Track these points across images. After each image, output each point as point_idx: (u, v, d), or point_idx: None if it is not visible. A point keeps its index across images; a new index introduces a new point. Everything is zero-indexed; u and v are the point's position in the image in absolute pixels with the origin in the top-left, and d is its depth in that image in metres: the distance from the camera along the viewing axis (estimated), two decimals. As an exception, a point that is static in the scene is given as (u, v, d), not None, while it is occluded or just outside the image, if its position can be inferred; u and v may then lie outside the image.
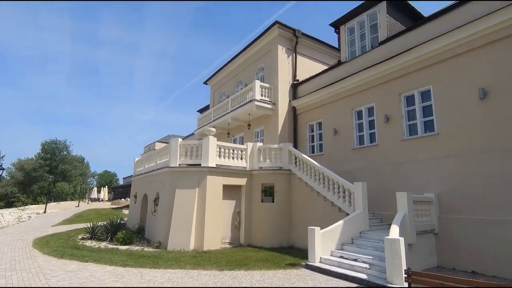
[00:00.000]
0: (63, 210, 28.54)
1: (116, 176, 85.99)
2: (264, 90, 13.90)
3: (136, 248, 9.88)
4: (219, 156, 10.92)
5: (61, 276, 6.45)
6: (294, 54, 14.63)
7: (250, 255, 8.96)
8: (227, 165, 11.02)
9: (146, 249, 9.72)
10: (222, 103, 16.80)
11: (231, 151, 11.31)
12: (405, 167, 9.25)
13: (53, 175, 47.24)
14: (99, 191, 52.89)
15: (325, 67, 14.68)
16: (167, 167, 10.76)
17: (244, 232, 11.00)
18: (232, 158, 11.29)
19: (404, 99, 9.66)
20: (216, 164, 10.67)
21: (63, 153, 62.92)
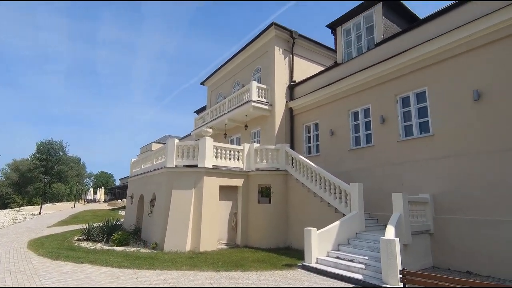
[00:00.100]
0: (58, 211, 28.32)
1: (113, 177, 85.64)
2: (261, 91, 13.93)
3: (132, 249, 9.84)
4: (216, 157, 10.92)
5: (56, 278, 6.42)
6: (290, 55, 14.68)
7: (247, 256, 8.96)
8: (223, 166, 11.01)
9: (142, 250, 9.69)
10: (219, 104, 16.80)
11: (227, 152, 11.31)
12: (400, 168, 9.31)
13: (48, 176, 46.94)
14: (95, 192, 52.56)
15: (321, 68, 14.74)
16: (163, 168, 10.73)
17: (240, 233, 11.00)
18: (229, 159, 11.29)
19: (400, 100, 9.72)
20: (213, 165, 10.67)
21: (59, 153, 62.57)
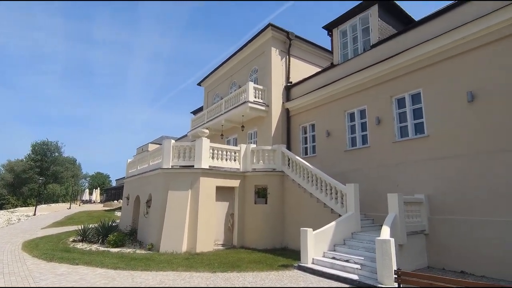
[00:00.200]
0: (53, 212, 28.10)
1: (109, 177, 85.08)
2: (257, 92, 13.95)
3: (128, 251, 9.79)
4: (212, 157, 10.90)
5: (51, 280, 6.37)
6: (287, 56, 14.72)
7: (243, 256, 8.95)
8: (220, 167, 11.00)
9: (138, 252, 9.64)
10: (215, 105, 16.79)
11: (224, 152, 11.30)
12: (396, 168, 9.36)
13: (43, 177, 46.52)
14: (91, 193, 52.19)
15: (318, 69, 14.79)
16: (159, 169, 10.70)
17: (237, 234, 10.98)
18: (226, 159, 11.29)
19: (396, 102, 9.79)
20: (209, 166, 10.65)
21: (54, 154, 62.02)
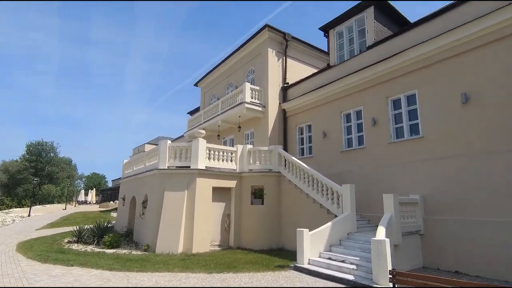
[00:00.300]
0: (48, 213, 27.85)
1: (105, 178, 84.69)
2: (254, 92, 13.96)
3: (124, 252, 9.74)
4: (209, 158, 10.89)
5: (45, 281, 6.32)
6: (284, 57, 14.75)
7: (239, 257, 8.95)
8: (217, 167, 10.99)
9: (134, 253, 9.59)
10: (212, 105, 16.77)
11: (221, 153, 11.29)
12: (391, 169, 9.42)
13: (38, 178, 46.15)
14: (86, 194, 51.84)
15: (314, 70, 14.83)
16: (156, 169, 10.66)
17: (233, 235, 10.98)
18: (222, 160, 11.28)
19: (391, 103, 9.85)
20: (206, 166, 10.63)
21: (49, 155, 61.52)
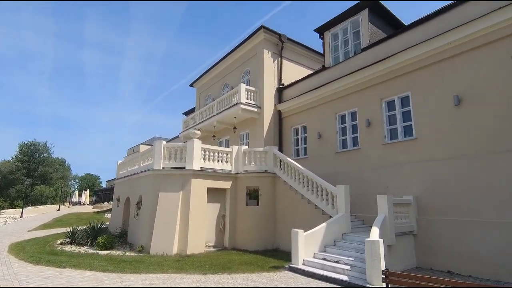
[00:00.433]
0: (41, 214, 27.51)
1: (100, 179, 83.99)
2: (249, 93, 13.98)
3: (118, 253, 9.66)
4: (204, 159, 10.86)
5: (37, 283, 6.25)
6: (279, 59, 14.80)
7: (234, 258, 8.93)
8: (212, 168, 10.96)
9: (128, 254, 9.52)
10: (207, 106, 16.75)
11: (216, 154, 11.28)
12: (385, 170, 9.50)
13: (31, 178, 45.53)
14: (80, 195, 51.34)
15: (310, 71, 14.91)
16: (150, 170, 10.60)
17: (228, 235, 10.96)
18: (217, 161, 11.26)
19: (385, 104, 9.94)
20: (201, 167, 10.60)
21: (43, 155, 60.79)
